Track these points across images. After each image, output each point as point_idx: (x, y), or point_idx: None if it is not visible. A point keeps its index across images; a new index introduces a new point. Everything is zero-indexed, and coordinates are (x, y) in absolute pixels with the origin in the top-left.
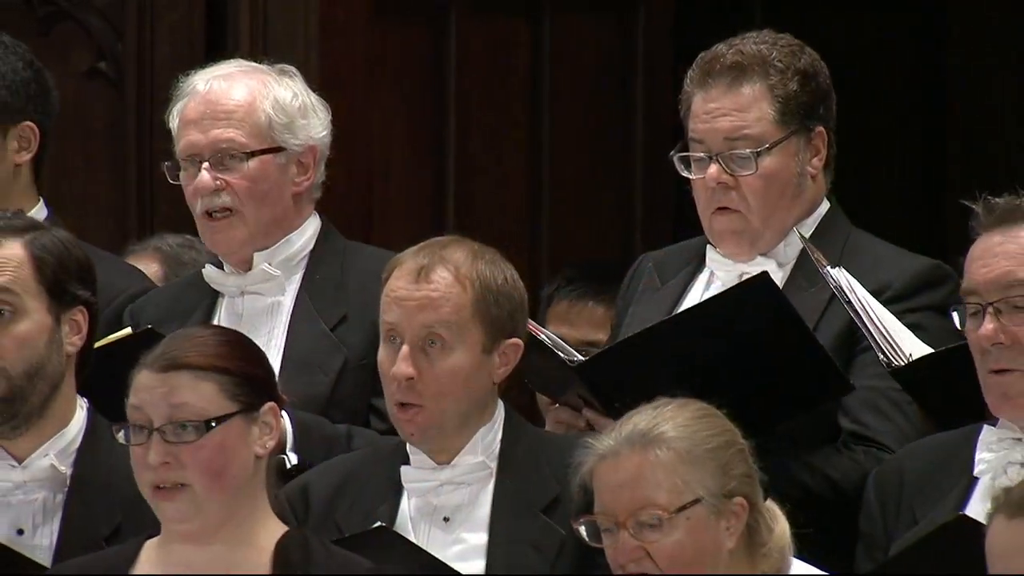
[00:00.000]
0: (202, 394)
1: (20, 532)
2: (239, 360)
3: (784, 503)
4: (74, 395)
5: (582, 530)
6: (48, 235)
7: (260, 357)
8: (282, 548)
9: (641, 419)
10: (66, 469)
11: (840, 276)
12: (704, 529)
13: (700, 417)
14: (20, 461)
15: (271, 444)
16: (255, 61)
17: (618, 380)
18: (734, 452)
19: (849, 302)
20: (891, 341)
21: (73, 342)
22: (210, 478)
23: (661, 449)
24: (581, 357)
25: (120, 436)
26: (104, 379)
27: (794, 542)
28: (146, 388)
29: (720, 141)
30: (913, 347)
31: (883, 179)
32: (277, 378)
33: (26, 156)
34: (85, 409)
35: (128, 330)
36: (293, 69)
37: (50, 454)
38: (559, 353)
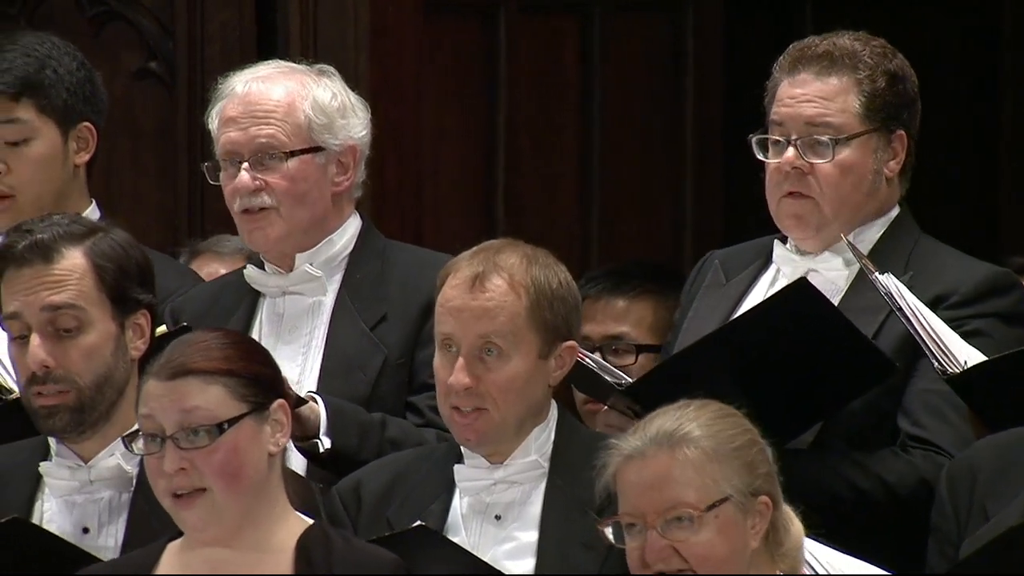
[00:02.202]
0: (211, 398)
1: (85, 531)
2: (245, 361)
3: (834, 505)
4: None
5: (608, 532)
6: (107, 239)
7: (265, 356)
8: (303, 545)
9: (665, 420)
10: (132, 469)
11: (889, 282)
12: (733, 527)
13: (723, 416)
14: (86, 461)
15: (283, 441)
16: (304, 61)
17: (665, 396)
18: (757, 451)
19: (900, 308)
20: (944, 348)
21: (137, 346)
22: (226, 481)
23: (689, 448)
24: (628, 379)
25: (136, 447)
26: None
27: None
28: (155, 397)
29: (801, 126)
30: (968, 354)
31: (936, 178)
32: (318, 378)
33: (85, 157)
34: None
35: (163, 328)
36: (331, 69)
37: (116, 454)
38: (606, 377)
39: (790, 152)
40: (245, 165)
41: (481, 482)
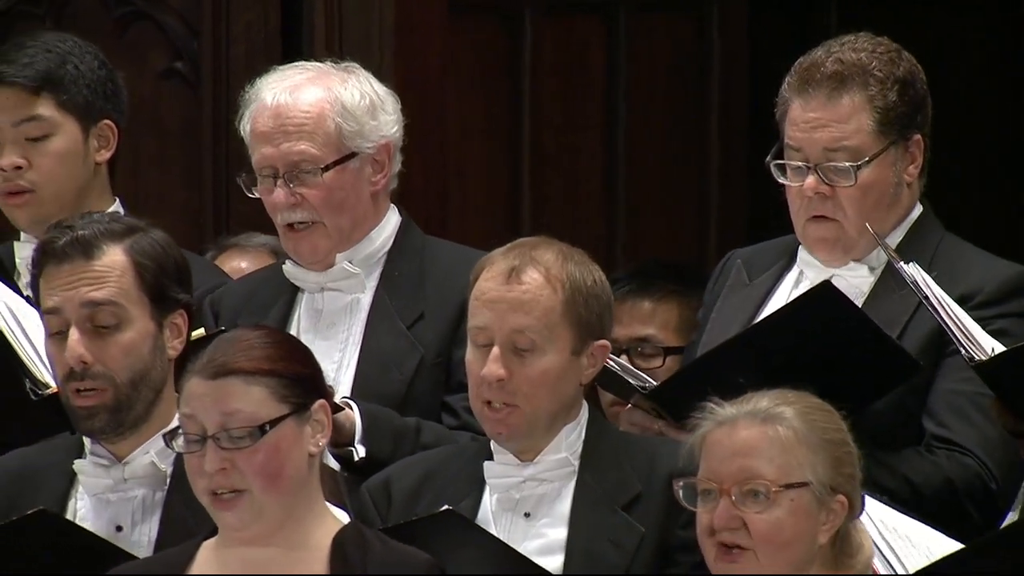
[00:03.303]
0: (253, 399)
1: (119, 529)
2: (287, 361)
3: None
4: (174, 396)
5: (680, 492)
6: (147, 238)
7: (307, 355)
8: (339, 544)
9: (763, 399)
10: (166, 467)
11: (915, 271)
12: (805, 515)
13: (821, 409)
14: (120, 459)
15: (324, 442)
16: (330, 61)
17: (689, 398)
18: (846, 452)
19: (926, 297)
20: (971, 336)
21: (175, 346)
22: (267, 481)
23: (782, 426)
24: (653, 382)
25: (177, 444)
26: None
27: None
28: (197, 396)
29: (819, 152)
30: (994, 347)
31: (958, 177)
32: (354, 375)
33: (106, 155)
34: None
35: (202, 331)
36: (356, 65)
37: (151, 452)
38: (630, 380)
39: (811, 179)
40: (280, 181)
41: (511, 479)
